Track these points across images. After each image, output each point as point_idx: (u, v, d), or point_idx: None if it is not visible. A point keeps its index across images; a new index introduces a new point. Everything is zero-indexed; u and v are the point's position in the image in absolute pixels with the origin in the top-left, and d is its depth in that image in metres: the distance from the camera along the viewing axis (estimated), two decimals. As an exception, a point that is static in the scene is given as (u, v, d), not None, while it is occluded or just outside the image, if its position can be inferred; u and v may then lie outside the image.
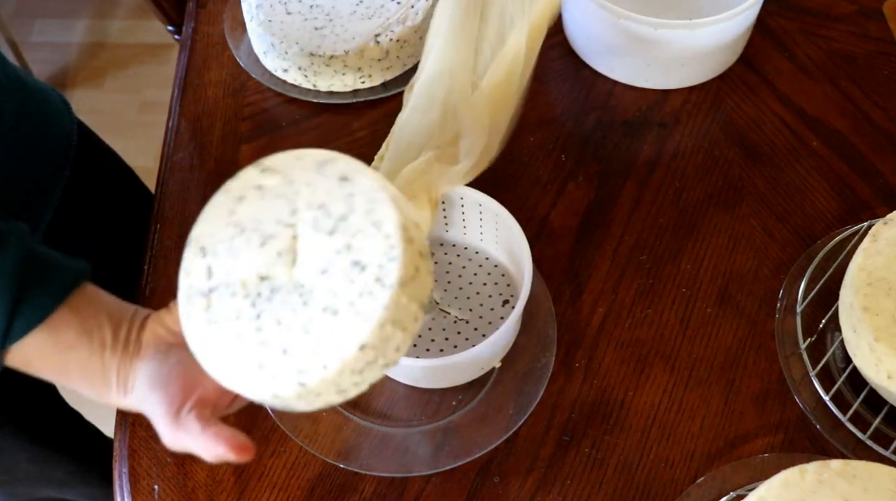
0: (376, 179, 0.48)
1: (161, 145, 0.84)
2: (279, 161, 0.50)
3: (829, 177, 0.78)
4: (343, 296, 0.45)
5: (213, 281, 0.48)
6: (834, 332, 0.69)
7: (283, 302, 0.47)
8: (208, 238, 0.50)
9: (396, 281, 0.45)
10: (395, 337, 0.46)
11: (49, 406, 0.91)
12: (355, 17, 0.83)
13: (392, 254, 0.45)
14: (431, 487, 0.65)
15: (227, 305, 0.48)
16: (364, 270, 0.45)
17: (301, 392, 0.46)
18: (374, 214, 0.47)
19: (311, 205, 0.48)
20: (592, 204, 0.77)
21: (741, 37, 0.83)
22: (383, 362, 0.47)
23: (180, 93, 0.86)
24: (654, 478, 0.64)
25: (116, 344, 0.52)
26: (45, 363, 0.51)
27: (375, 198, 0.47)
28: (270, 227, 0.48)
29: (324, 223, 0.47)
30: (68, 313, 0.51)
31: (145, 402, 0.51)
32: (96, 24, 2.00)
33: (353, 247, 0.46)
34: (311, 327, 0.46)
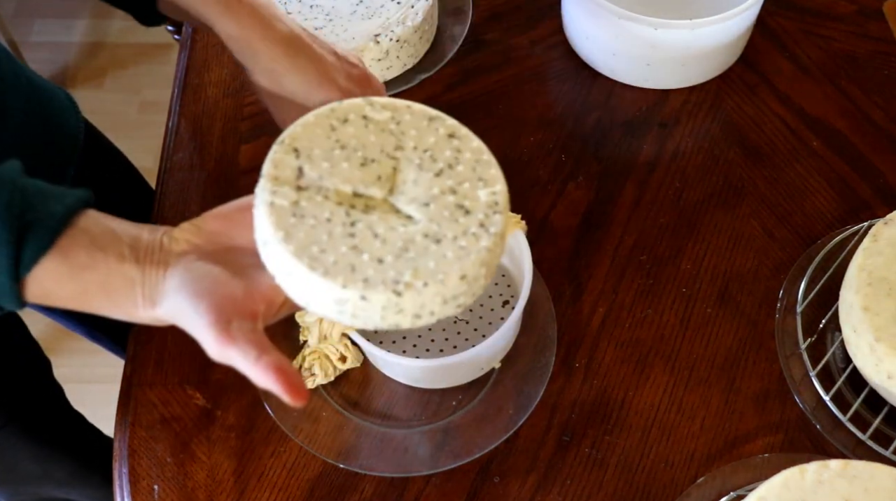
0: (482, 144, 0.51)
1: (161, 145, 0.84)
2: (389, 102, 0.51)
3: (829, 177, 0.78)
4: (447, 229, 0.47)
5: (305, 181, 0.48)
6: (834, 332, 0.69)
7: (380, 219, 0.48)
8: (304, 141, 0.49)
9: (499, 232, 0.48)
10: (480, 281, 0.48)
11: (52, 406, 0.92)
12: (355, 17, 0.83)
13: (497, 208, 0.48)
14: (431, 487, 0.65)
15: (319, 205, 0.47)
16: (469, 214, 0.48)
17: (390, 302, 0.46)
18: (482, 171, 0.49)
19: (417, 147, 0.50)
20: (592, 204, 0.77)
21: (741, 37, 0.83)
22: (463, 301, 0.48)
23: (180, 93, 0.86)
24: (654, 478, 0.64)
25: (136, 255, 0.49)
26: (63, 289, 0.49)
27: (482, 159, 0.50)
28: (374, 153, 0.49)
29: (429, 165, 0.49)
30: (77, 233, 0.49)
31: (184, 312, 0.48)
32: (96, 23, 2.00)
33: (459, 192, 0.48)
34: (411, 247, 0.47)
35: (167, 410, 0.68)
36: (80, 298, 0.50)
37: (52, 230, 0.48)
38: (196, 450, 0.67)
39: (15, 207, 0.47)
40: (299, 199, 0.47)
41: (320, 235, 0.46)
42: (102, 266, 0.49)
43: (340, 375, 0.69)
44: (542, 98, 0.84)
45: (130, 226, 0.51)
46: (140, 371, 0.70)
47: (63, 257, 0.48)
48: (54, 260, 0.48)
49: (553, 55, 0.87)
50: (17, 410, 0.83)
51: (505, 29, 0.89)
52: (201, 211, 0.78)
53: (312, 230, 0.46)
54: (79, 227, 0.49)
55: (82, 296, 0.50)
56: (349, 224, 0.47)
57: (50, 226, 0.48)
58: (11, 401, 0.82)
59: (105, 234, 0.50)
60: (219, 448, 0.66)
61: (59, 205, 0.49)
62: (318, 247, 0.46)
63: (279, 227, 0.46)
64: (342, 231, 0.46)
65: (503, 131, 0.82)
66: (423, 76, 0.84)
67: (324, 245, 0.46)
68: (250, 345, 0.47)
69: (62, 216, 0.48)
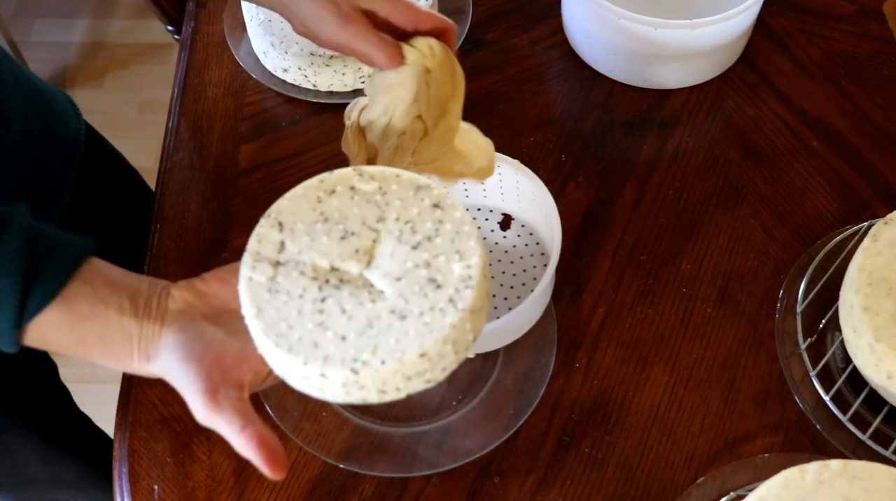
0: (466, 214, 0.51)
1: (161, 145, 0.84)
2: (378, 171, 0.52)
3: (829, 177, 0.78)
4: (413, 305, 0.48)
5: (284, 256, 0.50)
6: (834, 332, 0.69)
7: (350, 294, 0.49)
8: (289, 215, 0.51)
9: (468, 307, 0.48)
10: (447, 356, 0.48)
11: (58, 409, 0.92)
12: (355, 16, 0.83)
13: (470, 284, 0.48)
14: (431, 487, 0.65)
15: (294, 280, 0.49)
16: (439, 289, 0.48)
17: (348, 379, 0.47)
18: (460, 244, 0.50)
19: (399, 219, 0.51)
20: (592, 204, 0.77)
21: (741, 36, 0.83)
22: (430, 376, 0.49)
23: (180, 93, 0.86)
24: (654, 478, 0.64)
25: (136, 309, 0.51)
26: (62, 338, 0.50)
27: (464, 230, 0.50)
28: (355, 226, 0.50)
29: (408, 238, 0.50)
30: (80, 284, 0.50)
31: (175, 374, 0.50)
32: (96, 23, 2.00)
33: (433, 266, 0.49)
34: (375, 323, 0.48)
35: (167, 410, 0.68)
36: (77, 347, 0.51)
37: (58, 281, 0.49)
38: (196, 450, 0.67)
39: (25, 256, 0.48)
40: (276, 275, 0.49)
41: (290, 312, 0.48)
42: (102, 318, 0.50)
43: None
44: (542, 98, 0.84)
45: (131, 279, 0.52)
46: (140, 371, 0.70)
47: (66, 307, 0.49)
48: (57, 310, 0.49)
49: (553, 55, 0.87)
50: (23, 412, 0.83)
51: (505, 29, 0.89)
52: (201, 211, 0.78)
53: (284, 306, 0.48)
54: (83, 278, 0.50)
55: (79, 346, 0.51)
56: (320, 300, 0.48)
57: (56, 277, 0.49)
58: (17, 404, 0.82)
59: (107, 286, 0.51)
60: (219, 447, 0.66)
61: (65, 255, 0.50)
62: (287, 323, 0.48)
63: (252, 303, 0.48)
64: (311, 307, 0.48)
65: (503, 131, 0.82)
66: (423, 76, 0.84)
67: (292, 321, 0.48)
68: (236, 415, 0.48)
69: (69, 267, 0.50)
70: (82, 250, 0.51)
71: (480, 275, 0.49)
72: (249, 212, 0.78)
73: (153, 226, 0.78)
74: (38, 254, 0.49)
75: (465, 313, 0.47)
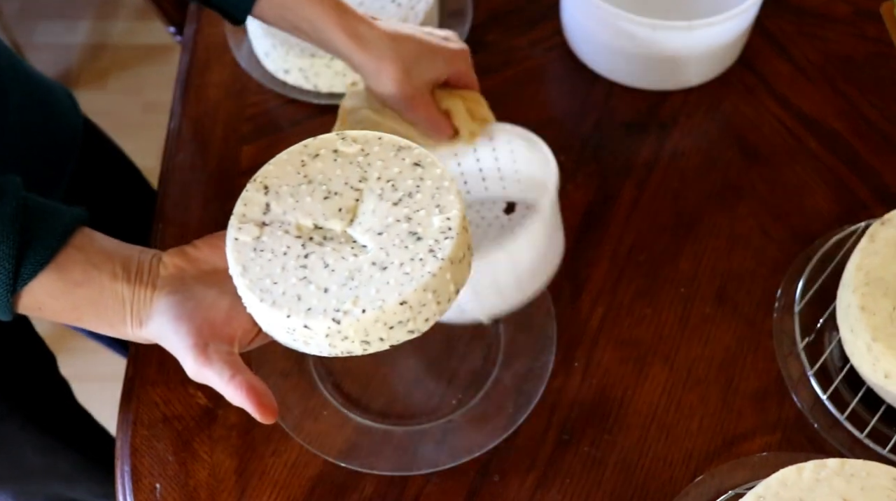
0: (446, 171, 0.52)
1: (163, 146, 0.84)
2: (361, 135, 0.54)
3: (826, 178, 0.78)
4: (394, 257, 0.49)
5: (269, 217, 0.51)
6: (832, 332, 0.69)
7: (333, 249, 0.50)
8: (274, 179, 0.52)
9: (448, 257, 0.49)
10: (430, 306, 0.49)
11: (57, 400, 0.92)
12: (356, 18, 0.84)
13: (449, 234, 0.49)
14: (432, 486, 0.65)
15: (278, 239, 0.50)
16: (419, 240, 0.49)
17: (331, 329, 0.48)
18: (440, 199, 0.51)
19: (381, 178, 0.52)
20: (592, 204, 0.78)
21: (739, 38, 0.83)
22: (412, 326, 0.49)
23: (182, 94, 0.86)
24: (652, 477, 0.65)
25: (128, 275, 0.52)
26: (56, 304, 0.51)
27: (443, 186, 0.51)
28: (338, 186, 0.52)
29: (389, 195, 0.51)
30: (73, 251, 0.51)
31: (166, 334, 0.51)
32: (99, 25, 2.00)
33: (413, 220, 0.50)
34: (356, 275, 0.49)
35: (169, 409, 0.69)
36: (71, 313, 0.52)
37: (51, 247, 0.50)
38: (198, 449, 0.67)
39: (18, 223, 0.49)
40: (261, 235, 0.51)
41: (274, 268, 0.49)
42: (96, 283, 0.51)
43: (341, 375, 0.70)
44: (541, 99, 0.85)
45: (124, 247, 0.53)
46: (142, 370, 0.70)
47: (59, 273, 0.50)
48: (50, 275, 0.50)
49: (552, 56, 0.87)
50: (20, 401, 0.83)
51: (505, 30, 0.89)
52: (202, 211, 0.79)
53: (268, 263, 0.50)
54: (75, 245, 0.51)
55: (73, 311, 0.52)
56: (303, 256, 0.50)
57: (49, 243, 0.50)
58: (14, 392, 0.82)
59: (100, 253, 0.52)
60: (220, 446, 0.67)
61: (58, 222, 0.51)
62: (271, 279, 0.49)
63: (238, 262, 0.50)
64: (295, 263, 0.49)
65: (503, 132, 0.82)
66: (424, 77, 0.85)
67: (276, 277, 0.49)
68: (226, 366, 0.50)
69: (61, 233, 0.50)
70: (75, 219, 0.52)
71: (460, 227, 0.50)
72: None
73: (155, 226, 0.78)
74: (32, 222, 0.50)
75: (444, 262, 0.48)
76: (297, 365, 0.70)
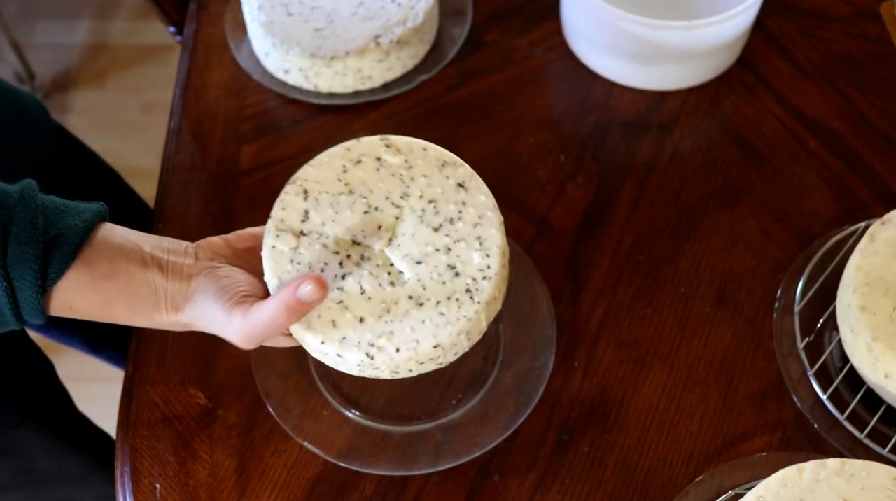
0: (490, 198, 0.51)
1: (163, 146, 0.84)
2: (406, 143, 0.51)
3: (826, 178, 0.78)
4: (431, 293, 0.48)
5: (308, 226, 0.50)
6: (832, 332, 0.69)
7: (370, 273, 0.49)
8: (314, 184, 0.51)
9: (485, 300, 0.48)
10: (460, 344, 0.49)
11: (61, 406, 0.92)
12: (356, 18, 0.84)
13: (488, 274, 0.48)
14: (432, 486, 0.65)
15: (316, 253, 0.49)
16: (458, 277, 0.48)
17: (363, 362, 0.48)
18: (481, 230, 0.49)
19: (423, 196, 0.50)
20: (591, 204, 0.78)
21: (740, 38, 0.83)
22: (442, 361, 0.50)
23: (182, 94, 0.86)
24: (652, 477, 0.65)
25: (161, 262, 0.52)
26: (86, 300, 0.51)
27: (486, 216, 0.50)
28: (378, 200, 0.50)
29: (431, 219, 0.50)
30: (97, 245, 0.51)
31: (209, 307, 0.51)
32: (98, 25, 2.00)
33: (453, 251, 0.49)
34: (392, 308, 0.48)
35: (169, 409, 0.69)
36: (103, 307, 0.52)
37: (74, 244, 0.50)
38: (198, 449, 0.67)
39: (40, 224, 0.49)
40: (299, 246, 0.50)
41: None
42: (124, 274, 0.51)
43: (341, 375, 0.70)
44: (541, 99, 0.85)
45: (149, 236, 0.53)
46: (142, 370, 0.70)
47: (86, 268, 0.50)
48: (78, 271, 0.50)
49: (552, 56, 0.87)
50: (28, 408, 0.83)
51: (505, 30, 0.89)
52: (202, 211, 0.79)
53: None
54: (99, 239, 0.51)
55: (104, 306, 0.52)
56: (340, 277, 0.49)
57: (72, 240, 0.50)
58: (22, 401, 0.82)
59: (125, 244, 0.52)
60: (220, 446, 0.67)
61: (78, 219, 0.51)
62: None
63: (274, 274, 0.49)
64: (332, 284, 0.49)
65: (502, 132, 0.82)
66: (424, 77, 0.85)
67: None
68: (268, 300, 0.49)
69: (83, 229, 0.51)
70: (95, 214, 0.52)
71: (499, 266, 0.49)
72: (251, 212, 0.79)
73: (155, 226, 0.78)
74: (53, 222, 0.50)
75: (480, 305, 0.48)
76: (297, 365, 0.70)
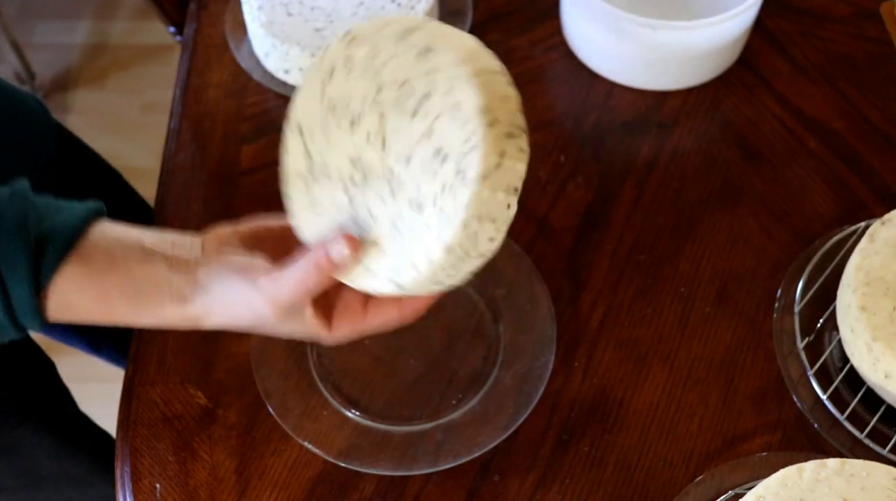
0: (458, 50, 0.42)
1: (163, 146, 0.84)
2: (366, 29, 0.46)
3: (826, 178, 0.78)
4: (426, 190, 0.43)
5: (311, 163, 0.48)
6: (832, 332, 0.69)
7: (373, 190, 0.45)
8: (304, 117, 0.48)
9: (477, 175, 0.41)
10: (484, 230, 0.43)
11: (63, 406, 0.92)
12: (356, 18, 0.84)
13: (472, 142, 0.41)
14: (432, 486, 0.65)
15: (325, 189, 0.47)
16: (446, 160, 0.42)
17: (399, 290, 0.46)
18: (453, 94, 0.42)
19: (395, 81, 0.44)
20: (591, 204, 0.78)
21: (740, 38, 0.83)
22: (476, 254, 0.44)
23: (182, 94, 0.86)
24: (652, 477, 0.65)
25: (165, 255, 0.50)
26: (84, 298, 0.49)
27: (455, 74, 0.42)
28: (358, 106, 0.45)
29: (407, 102, 0.43)
30: (95, 239, 0.49)
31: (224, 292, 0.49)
32: (98, 25, 2.00)
33: (435, 132, 0.42)
34: (398, 222, 0.44)
35: (169, 409, 0.69)
36: (102, 304, 0.50)
37: (68, 238, 0.48)
38: (198, 449, 0.67)
39: (31, 219, 0.47)
40: (309, 186, 0.48)
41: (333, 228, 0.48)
42: (121, 268, 0.49)
43: (341, 375, 0.70)
44: (541, 99, 0.85)
45: (147, 231, 0.52)
46: (142, 369, 0.70)
47: (82, 263, 0.48)
48: (73, 266, 0.48)
49: (552, 56, 0.87)
50: (29, 409, 0.83)
51: (504, 30, 0.89)
52: (202, 211, 0.79)
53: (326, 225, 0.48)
54: (95, 234, 0.49)
55: (104, 302, 0.49)
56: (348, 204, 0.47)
57: (66, 234, 0.48)
58: (23, 402, 0.82)
59: (123, 238, 0.50)
60: (220, 446, 0.67)
61: (72, 214, 0.49)
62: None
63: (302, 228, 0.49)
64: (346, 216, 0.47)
65: (503, 132, 0.82)
66: (424, 77, 0.84)
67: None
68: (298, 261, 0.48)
69: (77, 224, 0.49)
70: (91, 210, 0.50)
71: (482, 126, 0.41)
72: (251, 212, 0.78)
73: (156, 226, 0.78)
74: (45, 217, 0.48)
75: (476, 184, 0.41)
76: (297, 365, 0.70)
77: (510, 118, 0.43)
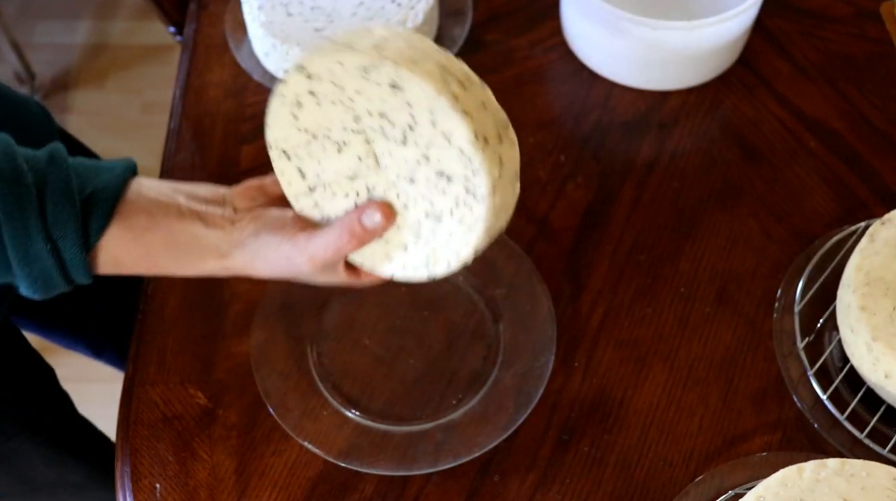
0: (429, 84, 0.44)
1: (163, 146, 0.84)
2: (323, 68, 0.47)
3: (826, 178, 0.78)
4: (440, 205, 0.47)
5: (311, 181, 0.50)
6: (832, 332, 0.69)
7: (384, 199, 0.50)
8: (284, 142, 0.50)
9: (487, 192, 0.46)
10: (501, 217, 0.49)
11: (61, 413, 0.92)
12: (356, 18, 0.84)
13: (474, 167, 0.45)
14: (432, 486, 0.65)
15: (333, 203, 0.50)
16: (451, 181, 0.46)
17: (431, 278, 0.50)
18: (441, 125, 0.45)
19: (371, 112, 0.47)
20: (592, 204, 0.78)
21: (740, 38, 0.83)
22: (494, 235, 0.50)
23: (182, 94, 0.86)
24: (652, 477, 0.65)
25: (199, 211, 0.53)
26: (129, 255, 0.52)
27: (435, 107, 0.44)
28: (339, 134, 0.49)
29: (392, 132, 0.47)
30: (134, 199, 0.52)
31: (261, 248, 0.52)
32: (98, 25, 2.00)
33: (432, 158, 0.46)
34: (420, 231, 0.48)
35: (169, 409, 0.69)
36: (146, 260, 0.53)
37: (111, 199, 0.51)
38: (198, 449, 0.67)
39: (73, 185, 0.50)
40: (316, 201, 0.51)
41: None
42: (163, 225, 0.52)
43: (341, 375, 0.70)
44: (541, 99, 0.85)
45: (180, 185, 0.55)
46: (142, 370, 0.70)
47: (125, 222, 0.52)
48: (118, 226, 0.51)
49: (552, 56, 0.87)
50: (26, 417, 0.83)
51: (504, 30, 0.89)
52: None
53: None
54: (133, 193, 0.53)
55: (147, 258, 0.53)
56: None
57: (109, 196, 0.51)
58: (20, 409, 0.82)
59: (160, 198, 0.53)
60: (220, 446, 0.67)
61: (110, 176, 0.52)
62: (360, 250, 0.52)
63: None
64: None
65: (503, 132, 0.82)
66: (424, 77, 0.85)
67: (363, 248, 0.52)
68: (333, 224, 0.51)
69: (117, 185, 0.52)
70: (126, 169, 0.53)
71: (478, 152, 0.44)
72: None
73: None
74: (85, 180, 0.51)
75: (487, 198, 0.46)
76: (297, 365, 0.70)
77: (493, 122, 0.46)
